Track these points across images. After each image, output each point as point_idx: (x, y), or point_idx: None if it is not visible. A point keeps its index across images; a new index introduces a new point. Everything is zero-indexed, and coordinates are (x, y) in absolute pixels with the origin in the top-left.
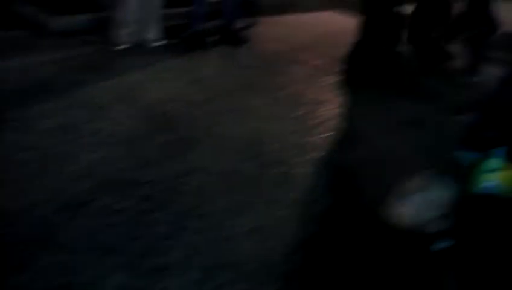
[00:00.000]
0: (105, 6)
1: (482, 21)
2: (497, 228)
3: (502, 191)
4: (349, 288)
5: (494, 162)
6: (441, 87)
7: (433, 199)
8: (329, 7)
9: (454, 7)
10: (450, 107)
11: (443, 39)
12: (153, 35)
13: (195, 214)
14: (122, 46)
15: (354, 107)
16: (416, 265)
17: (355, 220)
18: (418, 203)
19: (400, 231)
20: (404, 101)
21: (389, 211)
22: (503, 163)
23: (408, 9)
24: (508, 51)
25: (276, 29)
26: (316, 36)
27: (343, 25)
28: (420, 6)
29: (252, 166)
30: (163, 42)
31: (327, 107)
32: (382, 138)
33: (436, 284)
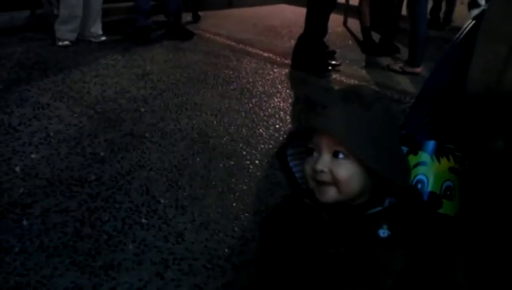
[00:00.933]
0: (45, 2)
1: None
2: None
3: (429, 186)
4: (299, 282)
5: (422, 156)
6: (385, 79)
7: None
8: (275, 0)
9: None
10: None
11: (389, 31)
12: (95, 30)
13: (143, 210)
14: (64, 43)
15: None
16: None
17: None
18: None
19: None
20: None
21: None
22: (431, 157)
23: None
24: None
25: (223, 23)
26: (263, 29)
27: (290, 17)
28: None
29: (201, 160)
30: (106, 38)
31: (276, 99)
32: None
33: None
